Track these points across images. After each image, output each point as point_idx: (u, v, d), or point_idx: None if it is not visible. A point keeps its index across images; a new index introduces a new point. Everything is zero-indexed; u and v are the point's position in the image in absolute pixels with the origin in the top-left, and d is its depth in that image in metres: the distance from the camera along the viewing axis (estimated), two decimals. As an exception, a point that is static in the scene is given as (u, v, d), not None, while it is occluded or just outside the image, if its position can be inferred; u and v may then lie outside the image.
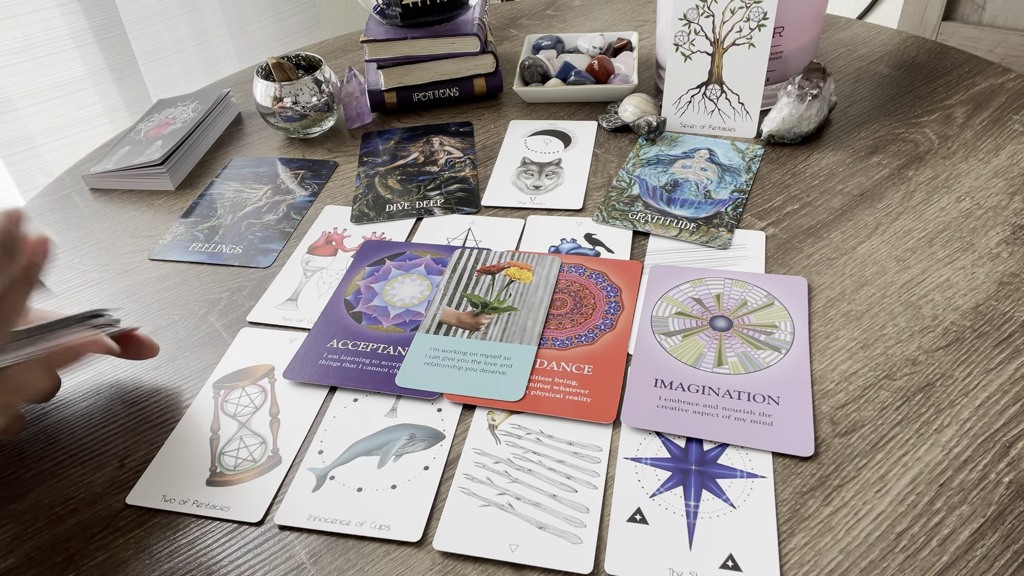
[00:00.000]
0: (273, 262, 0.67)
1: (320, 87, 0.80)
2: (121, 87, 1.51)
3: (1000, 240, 0.60)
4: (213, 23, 1.67)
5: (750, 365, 0.53)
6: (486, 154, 0.79)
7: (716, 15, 0.71)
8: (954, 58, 0.84)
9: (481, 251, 0.65)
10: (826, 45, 0.90)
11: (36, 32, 1.37)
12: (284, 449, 0.51)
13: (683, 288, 0.59)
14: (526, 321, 0.58)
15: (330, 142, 0.83)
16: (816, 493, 0.45)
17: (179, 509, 0.47)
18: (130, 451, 0.52)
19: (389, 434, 0.51)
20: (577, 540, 0.44)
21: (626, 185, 0.71)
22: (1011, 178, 0.67)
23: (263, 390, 0.55)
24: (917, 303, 0.56)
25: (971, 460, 0.46)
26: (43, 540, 0.47)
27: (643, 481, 0.46)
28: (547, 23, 1.03)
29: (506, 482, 0.47)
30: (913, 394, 0.50)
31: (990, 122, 0.74)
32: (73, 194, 0.79)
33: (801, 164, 0.71)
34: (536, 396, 0.52)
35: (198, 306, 0.63)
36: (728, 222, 0.65)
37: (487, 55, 0.84)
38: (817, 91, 0.72)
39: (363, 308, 0.61)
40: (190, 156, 0.81)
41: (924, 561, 0.41)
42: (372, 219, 0.71)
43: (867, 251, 0.61)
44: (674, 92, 0.77)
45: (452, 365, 0.55)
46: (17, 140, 1.40)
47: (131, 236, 0.72)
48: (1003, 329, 0.53)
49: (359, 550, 0.45)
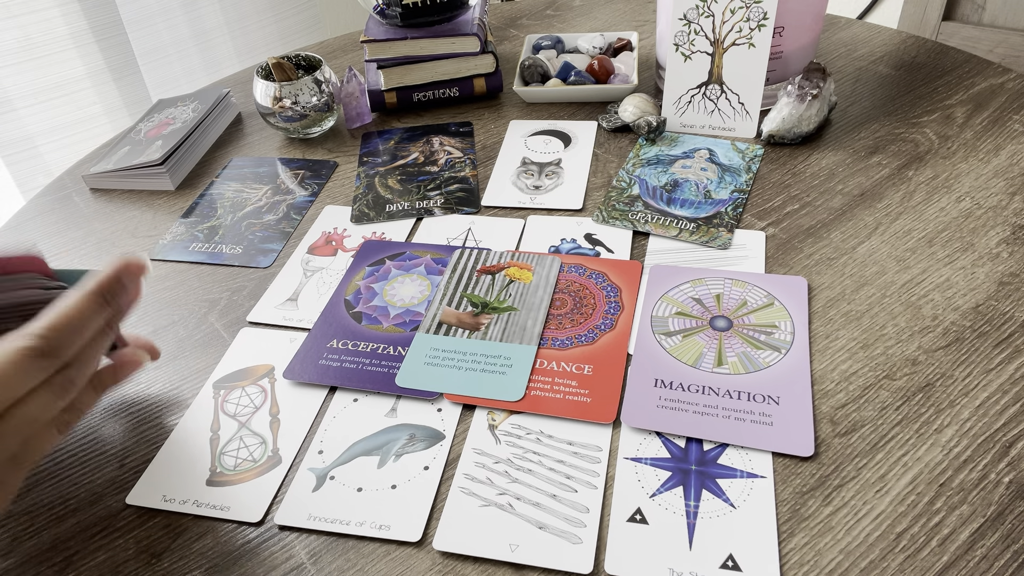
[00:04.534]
0: (273, 262, 0.67)
1: (320, 87, 0.80)
2: (121, 87, 1.51)
3: (1000, 240, 0.60)
4: (213, 23, 1.67)
5: (750, 365, 0.53)
6: (486, 154, 0.79)
7: (716, 15, 0.71)
8: (954, 58, 0.84)
9: (481, 251, 0.65)
10: (826, 45, 0.90)
11: (36, 32, 1.37)
12: (284, 449, 0.51)
13: (683, 288, 0.59)
14: (526, 321, 0.58)
15: (330, 142, 0.83)
16: (816, 493, 0.45)
17: (179, 509, 0.47)
18: (130, 451, 0.52)
19: (389, 434, 0.51)
20: (577, 540, 0.44)
21: (626, 185, 0.71)
22: (1011, 178, 0.66)
23: (263, 390, 0.55)
24: (917, 303, 0.56)
25: (971, 460, 0.46)
26: (43, 540, 0.47)
27: (643, 481, 0.46)
28: (547, 23, 1.03)
29: (506, 482, 0.47)
30: (913, 394, 0.50)
31: (990, 122, 0.74)
32: (73, 194, 0.79)
33: (801, 164, 0.71)
34: (536, 396, 0.52)
35: (198, 306, 0.63)
36: (728, 222, 0.65)
37: (487, 55, 0.84)
38: (817, 91, 0.72)
39: (363, 308, 0.61)
40: (190, 156, 0.81)
41: (924, 561, 0.41)
42: (372, 219, 0.71)
43: (867, 251, 0.61)
44: (674, 92, 0.77)
45: (452, 365, 0.55)
46: (17, 140, 1.40)
47: (131, 236, 0.72)
48: (1003, 329, 0.53)
49: (359, 550, 0.45)
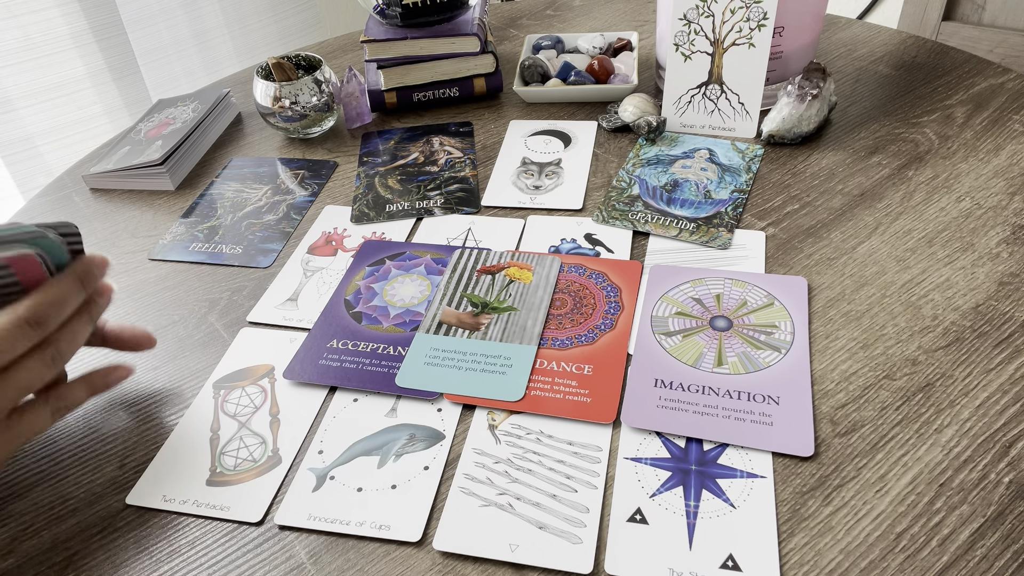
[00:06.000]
0: (273, 262, 0.67)
1: (320, 87, 0.80)
2: (121, 87, 1.51)
3: (1000, 240, 0.60)
4: (213, 23, 1.67)
5: (750, 365, 0.53)
6: (486, 154, 0.79)
7: (716, 15, 0.71)
8: (954, 58, 0.84)
9: (481, 251, 0.65)
10: (826, 45, 0.90)
11: (36, 32, 1.37)
12: (284, 449, 0.51)
13: (683, 288, 0.59)
14: (526, 321, 0.58)
15: (330, 142, 0.83)
16: (816, 493, 0.45)
17: (179, 509, 0.47)
18: (130, 451, 0.52)
19: (389, 434, 0.51)
20: (577, 540, 0.44)
21: (626, 185, 0.71)
22: (1011, 178, 0.67)
23: (263, 390, 0.55)
24: (917, 303, 0.56)
25: (971, 460, 0.46)
26: (43, 540, 0.47)
27: (643, 481, 0.46)
28: (547, 23, 1.03)
29: (506, 482, 0.47)
30: (913, 394, 0.50)
31: (990, 122, 0.74)
32: (73, 194, 0.79)
33: (801, 164, 0.71)
34: (536, 396, 0.52)
35: (198, 306, 0.63)
36: (728, 222, 0.65)
37: (487, 55, 0.84)
38: (817, 91, 0.72)
39: (363, 308, 0.61)
40: (190, 156, 0.81)
41: (924, 561, 0.41)
42: (372, 219, 0.71)
43: (867, 251, 0.61)
44: (674, 92, 0.77)
45: (452, 365, 0.55)
46: (17, 140, 1.40)
47: (131, 236, 0.72)
48: (1003, 329, 0.53)
49: (359, 550, 0.45)
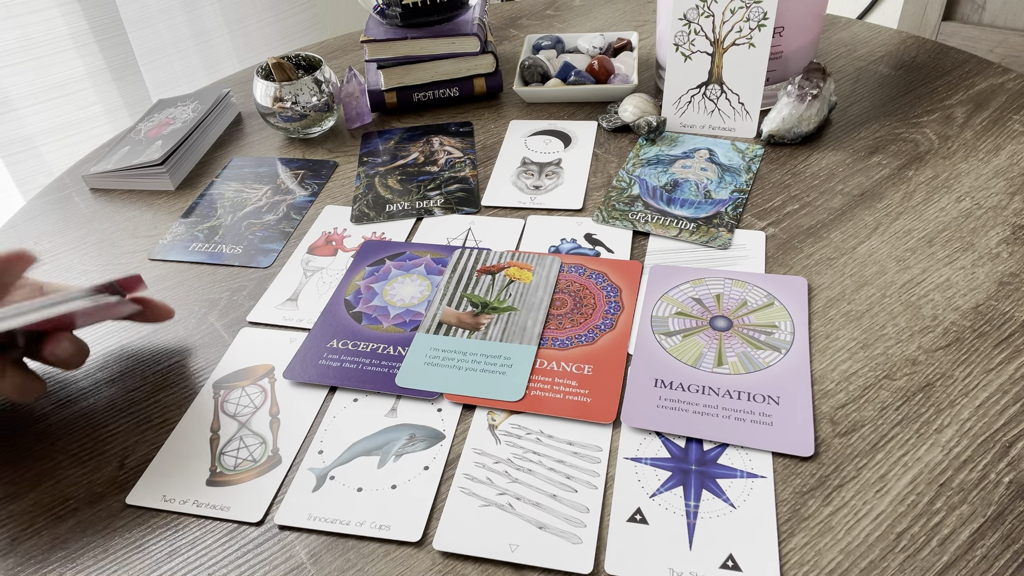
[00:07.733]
0: (273, 262, 0.67)
1: (320, 87, 0.80)
2: (121, 87, 1.51)
3: (1000, 240, 0.60)
4: (213, 23, 1.67)
5: (750, 365, 0.53)
6: (486, 154, 0.79)
7: (716, 15, 0.71)
8: (954, 58, 0.84)
9: (481, 251, 0.65)
10: (826, 45, 0.90)
11: (36, 32, 1.37)
12: (284, 449, 0.51)
13: (683, 288, 0.59)
14: (526, 321, 0.58)
15: (330, 142, 0.83)
16: (816, 493, 0.45)
17: (179, 509, 0.47)
18: (130, 451, 0.52)
19: (389, 434, 0.51)
20: (577, 540, 0.44)
21: (626, 185, 0.71)
22: (1011, 178, 0.66)
23: (263, 390, 0.55)
24: (917, 303, 0.56)
25: (971, 460, 0.46)
26: (43, 540, 0.47)
27: (643, 481, 0.46)
28: (547, 23, 1.03)
29: (506, 482, 0.47)
30: (913, 394, 0.50)
31: (990, 122, 0.74)
32: (73, 194, 0.79)
33: (801, 164, 0.71)
34: (536, 396, 0.52)
35: (198, 306, 0.63)
36: (728, 222, 0.65)
37: (487, 55, 0.84)
38: (817, 91, 0.72)
39: (363, 308, 0.61)
40: (190, 156, 0.81)
41: (924, 561, 0.41)
42: (372, 219, 0.71)
43: (867, 251, 0.61)
44: (674, 92, 0.77)
45: (452, 365, 0.55)
46: (17, 140, 1.40)
47: (131, 236, 0.72)
48: (1003, 329, 0.53)
49: (359, 550, 0.45)
